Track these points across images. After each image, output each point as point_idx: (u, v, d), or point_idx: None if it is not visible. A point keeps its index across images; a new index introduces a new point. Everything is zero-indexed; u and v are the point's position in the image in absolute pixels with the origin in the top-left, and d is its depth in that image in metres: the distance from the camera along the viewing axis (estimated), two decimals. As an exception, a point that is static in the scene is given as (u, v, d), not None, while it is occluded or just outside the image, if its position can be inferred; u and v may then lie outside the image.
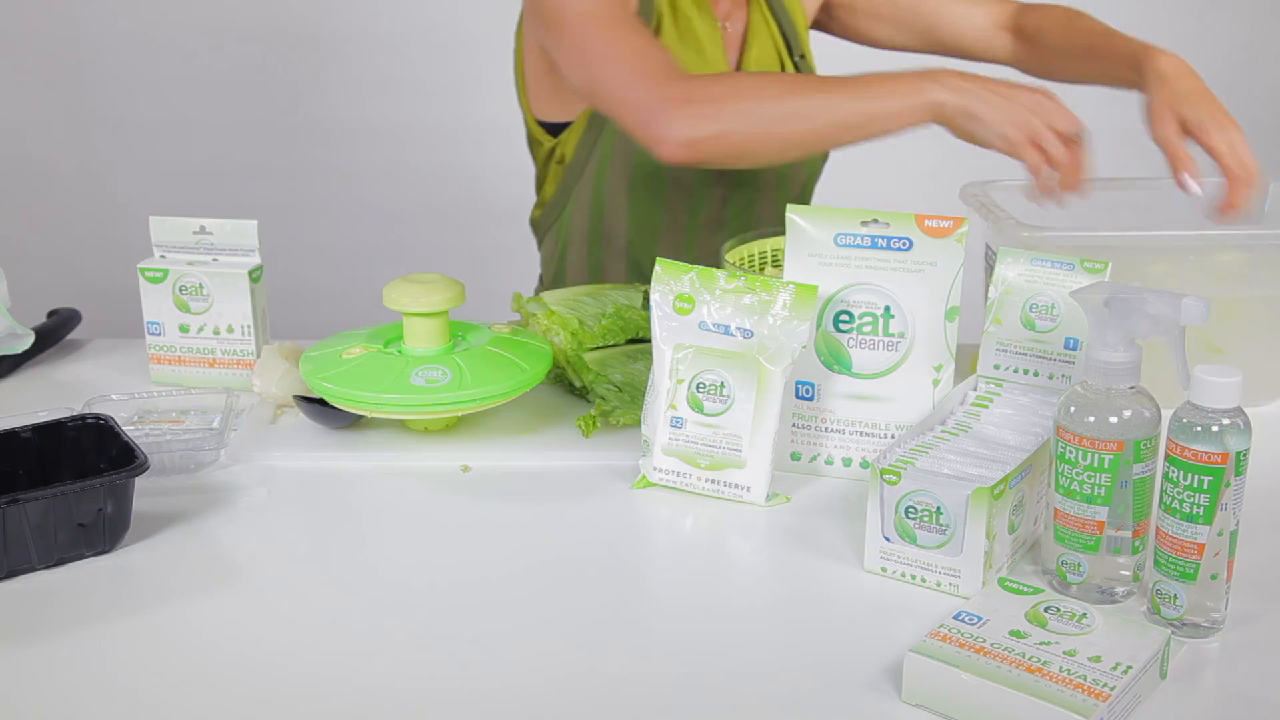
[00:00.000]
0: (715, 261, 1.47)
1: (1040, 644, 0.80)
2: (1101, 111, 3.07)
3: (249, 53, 2.82)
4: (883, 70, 1.23)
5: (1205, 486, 0.83)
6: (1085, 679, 0.76)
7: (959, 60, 1.57)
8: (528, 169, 1.63)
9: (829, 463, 1.12)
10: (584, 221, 1.54)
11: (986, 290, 1.10)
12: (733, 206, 1.50)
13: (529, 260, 1.73)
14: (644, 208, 1.49)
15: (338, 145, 2.86)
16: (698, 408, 1.07)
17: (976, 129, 1.19)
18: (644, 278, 1.51)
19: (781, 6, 1.53)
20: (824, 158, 1.60)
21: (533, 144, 1.58)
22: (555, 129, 1.52)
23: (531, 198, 1.66)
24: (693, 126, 1.20)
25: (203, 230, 1.33)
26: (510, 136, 1.62)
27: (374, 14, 2.80)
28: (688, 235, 1.50)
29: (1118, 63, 1.40)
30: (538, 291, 1.64)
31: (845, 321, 1.09)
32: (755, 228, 1.53)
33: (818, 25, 1.63)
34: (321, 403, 1.18)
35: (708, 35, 1.46)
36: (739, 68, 1.50)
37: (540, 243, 1.64)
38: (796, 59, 1.54)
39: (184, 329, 1.33)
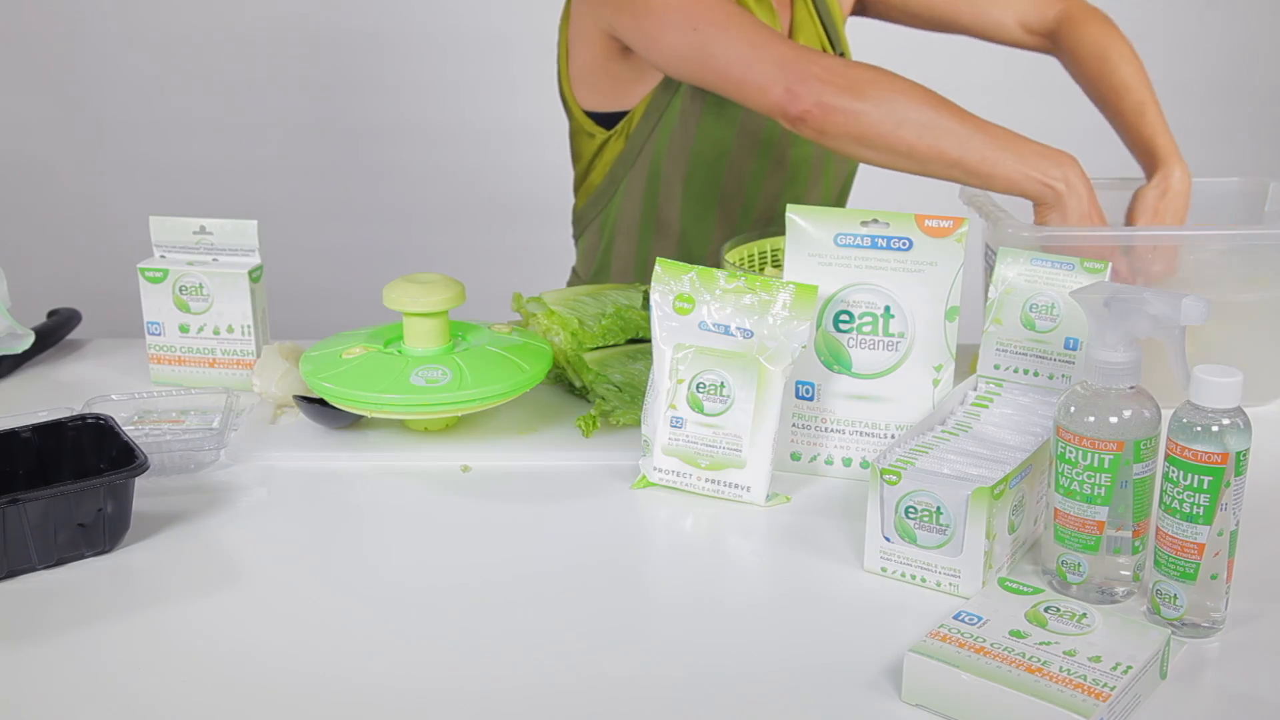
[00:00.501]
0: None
1: (1040, 644, 0.80)
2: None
3: (249, 53, 2.82)
4: (1014, 131, 1.25)
5: (1205, 486, 0.83)
6: (1085, 679, 0.76)
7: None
8: (528, 168, 1.63)
9: (829, 463, 1.12)
10: (635, 211, 1.54)
11: (986, 290, 1.10)
12: (783, 201, 1.51)
13: (530, 260, 1.73)
14: (698, 199, 1.50)
15: (338, 145, 2.86)
16: (698, 408, 1.07)
17: (1061, 218, 1.22)
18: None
19: (823, 2, 1.54)
20: None
21: (579, 136, 1.57)
22: (607, 119, 1.52)
23: (533, 197, 1.66)
24: (832, 94, 1.22)
25: (203, 230, 1.33)
26: (511, 136, 1.63)
27: (374, 15, 2.80)
28: (740, 229, 1.51)
29: (1135, 143, 1.46)
30: (595, 277, 1.63)
31: (845, 321, 1.09)
32: None
33: (855, 11, 1.64)
34: (321, 403, 1.18)
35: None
36: None
37: (580, 235, 1.64)
38: (838, 54, 1.54)
39: (184, 329, 1.33)
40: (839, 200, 1.63)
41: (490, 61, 2.24)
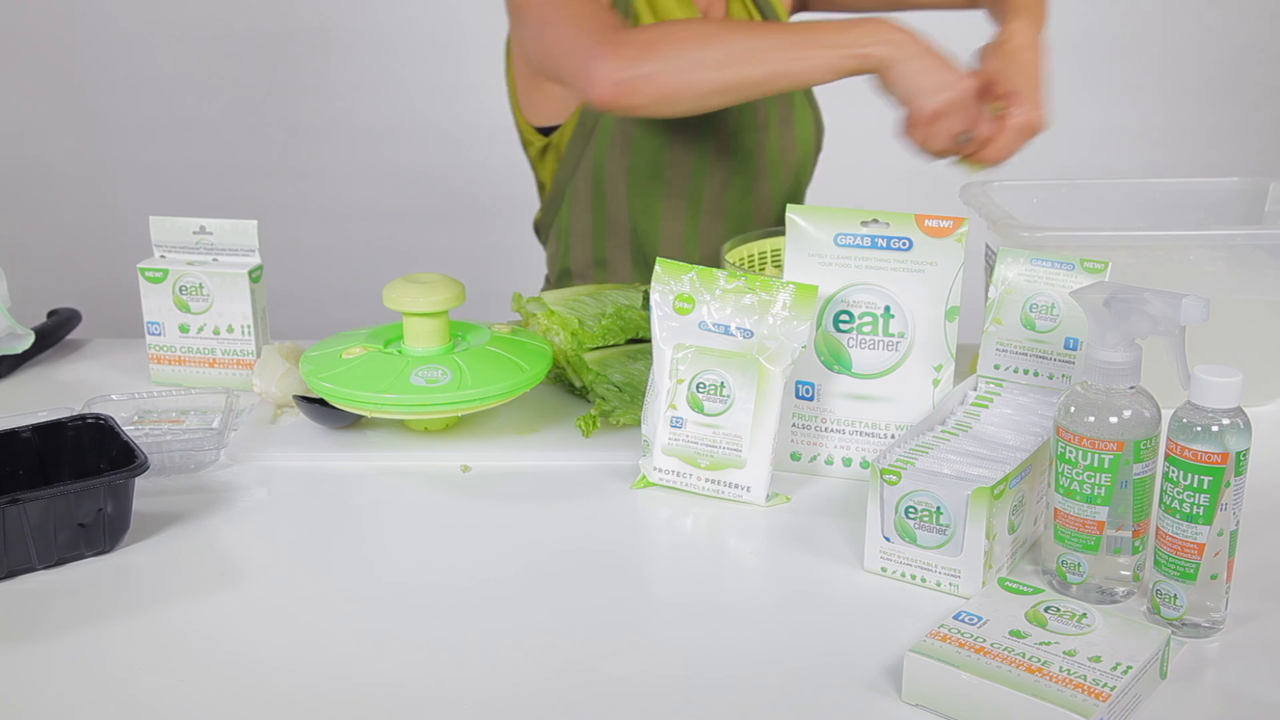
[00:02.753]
0: (720, 249, 1.47)
1: (1040, 644, 0.80)
2: (1103, 111, 3.07)
3: (249, 53, 2.82)
4: (821, 19, 1.24)
5: (1205, 486, 0.83)
6: (1085, 679, 0.76)
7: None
8: (529, 169, 1.64)
9: (829, 463, 1.12)
10: (585, 215, 1.54)
11: (986, 290, 1.10)
12: (732, 192, 1.51)
13: (529, 260, 1.73)
14: (644, 196, 1.50)
15: (338, 145, 2.86)
16: (698, 408, 1.07)
17: (902, 86, 1.20)
18: (650, 268, 1.52)
19: None
20: (817, 144, 1.61)
21: (526, 145, 1.59)
22: (548, 131, 1.53)
23: (532, 196, 1.66)
24: (621, 68, 1.21)
25: (203, 230, 1.33)
26: (511, 136, 1.63)
27: (374, 14, 2.80)
28: (689, 223, 1.51)
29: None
30: (560, 275, 1.64)
31: (845, 321, 1.09)
32: (756, 215, 1.53)
33: (803, 7, 1.64)
34: (321, 403, 1.18)
35: (685, 16, 1.47)
36: None
37: (545, 243, 1.65)
38: None
39: (184, 329, 1.33)
40: (796, 189, 1.62)
41: (491, 62, 2.23)
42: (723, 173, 1.50)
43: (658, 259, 1.10)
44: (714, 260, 1.51)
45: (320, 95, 2.84)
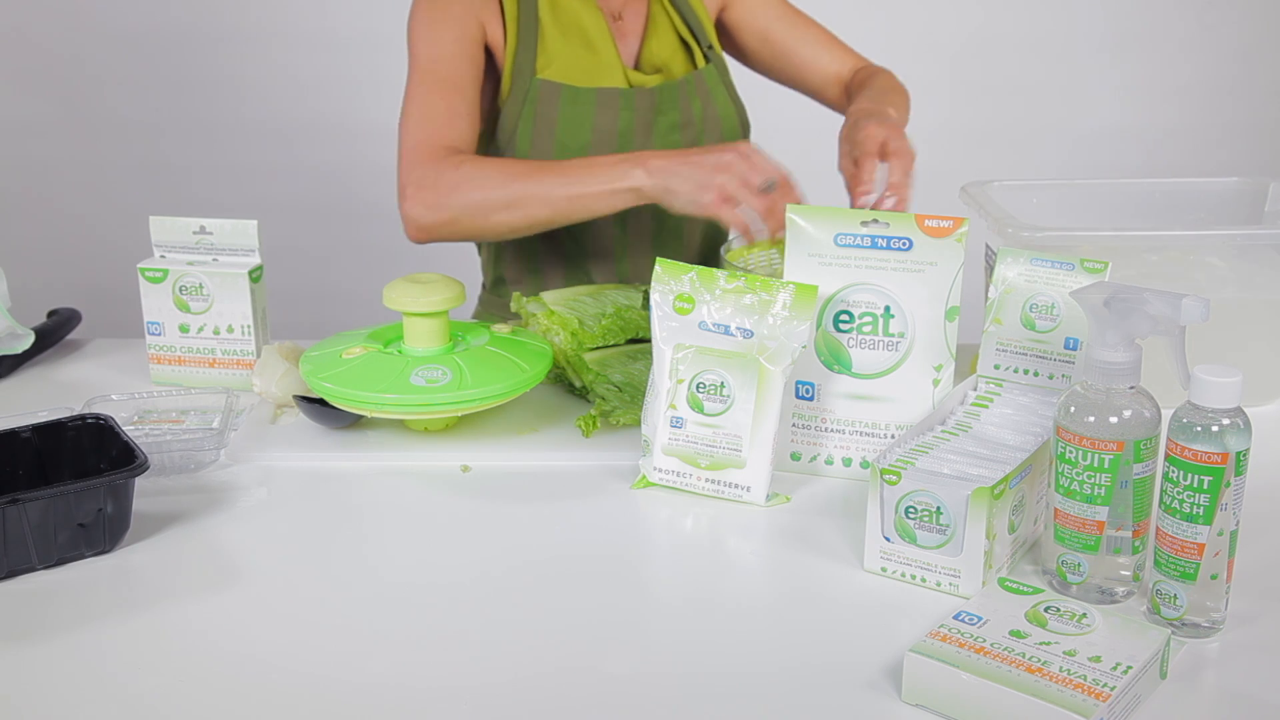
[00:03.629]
0: (645, 251, 1.52)
1: (1040, 644, 0.80)
2: (1103, 111, 3.07)
3: (250, 53, 2.82)
4: (594, 157, 1.32)
5: (1205, 486, 0.83)
6: (1085, 679, 0.76)
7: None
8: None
9: (829, 463, 1.12)
10: None
11: (986, 290, 1.10)
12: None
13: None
14: None
15: (338, 145, 2.86)
16: (698, 408, 1.07)
17: (675, 203, 1.26)
18: (582, 270, 1.53)
19: (685, 2, 1.55)
20: (744, 138, 1.60)
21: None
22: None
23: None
24: (426, 213, 1.35)
25: (203, 230, 1.33)
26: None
27: (374, 14, 2.80)
28: (617, 226, 1.51)
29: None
30: (481, 300, 1.64)
31: (845, 321, 1.09)
32: (685, 226, 1.53)
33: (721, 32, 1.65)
34: (321, 403, 1.18)
35: (594, 28, 1.48)
36: (638, 59, 1.52)
37: (480, 248, 1.67)
38: (706, 49, 1.55)
39: (184, 329, 1.33)
40: None
41: (490, 61, 2.25)
42: None
43: (657, 259, 1.10)
44: (644, 266, 1.52)
45: (321, 95, 2.84)
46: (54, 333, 1.45)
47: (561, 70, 1.46)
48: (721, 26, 1.63)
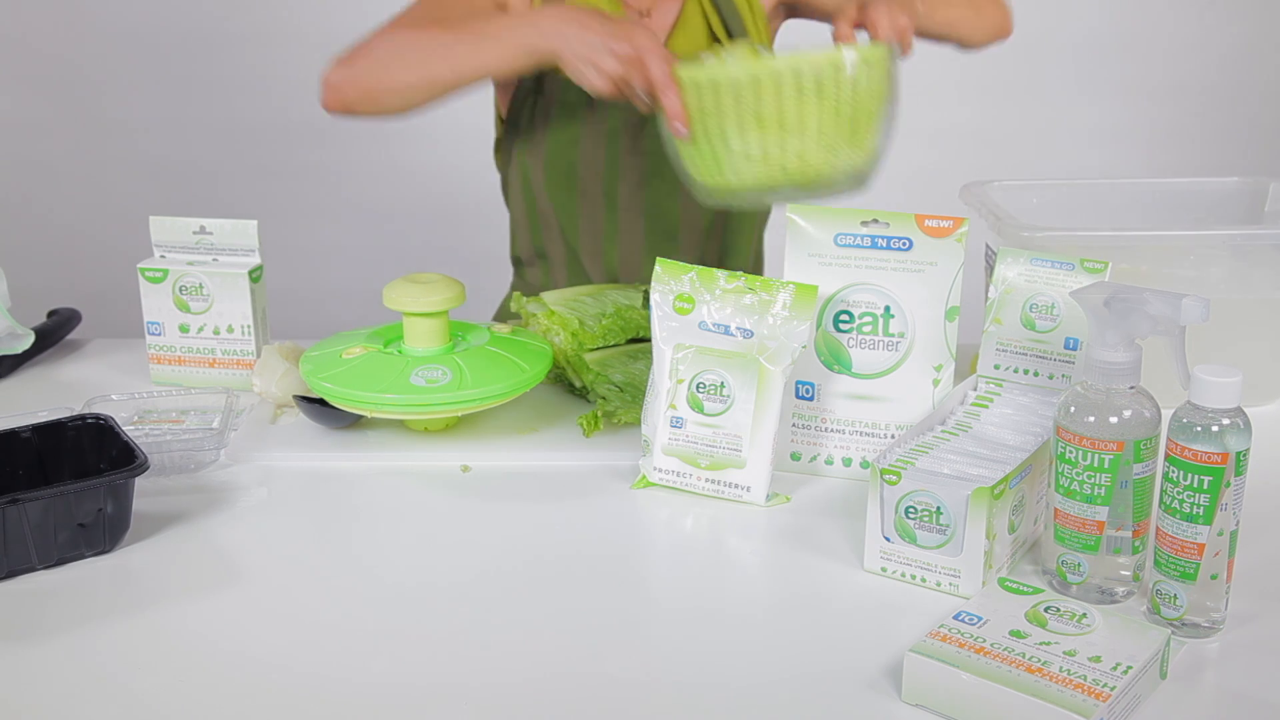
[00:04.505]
0: (637, 249, 1.51)
1: (1040, 644, 0.80)
2: (1103, 111, 3.07)
3: (250, 53, 2.82)
4: (500, 16, 1.26)
5: (1205, 486, 0.83)
6: (1085, 679, 0.76)
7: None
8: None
9: (829, 463, 1.12)
10: (520, 207, 1.57)
11: (986, 290, 1.10)
12: (650, 193, 1.50)
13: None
14: (561, 193, 1.52)
15: (337, 145, 2.86)
16: (698, 408, 1.07)
17: (567, 69, 1.19)
18: (580, 266, 1.54)
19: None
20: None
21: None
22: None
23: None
24: (334, 72, 1.29)
25: (203, 230, 1.33)
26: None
27: (374, 14, 2.80)
28: (608, 221, 1.51)
29: None
30: (514, 262, 1.65)
31: (845, 321, 1.09)
32: (684, 215, 1.52)
33: (794, 13, 1.60)
34: (321, 403, 1.18)
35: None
36: None
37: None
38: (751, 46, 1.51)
39: (184, 329, 1.33)
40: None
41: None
42: (635, 174, 1.50)
43: (658, 259, 1.10)
44: (635, 258, 1.52)
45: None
46: (54, 333, 1.45)
47: None
48: (792, 4, 1.57)
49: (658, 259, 1.10)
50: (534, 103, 1.49)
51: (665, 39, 1.50)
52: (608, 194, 1.51)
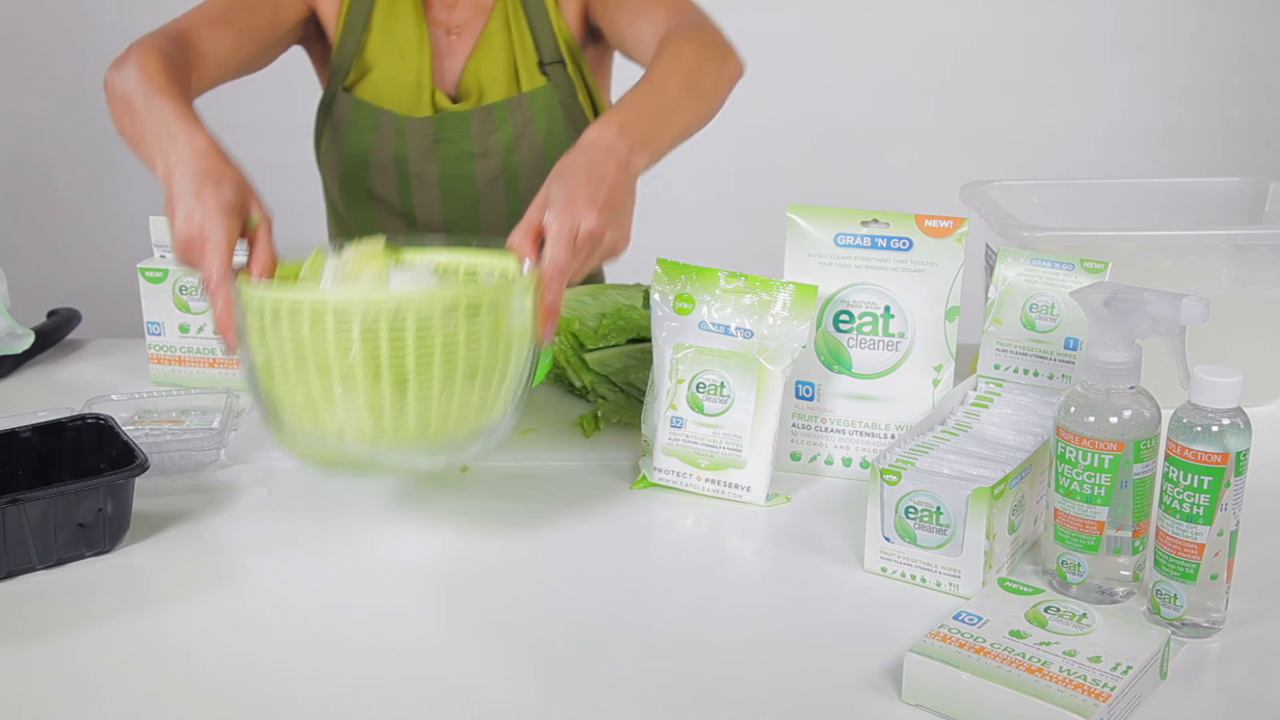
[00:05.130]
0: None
1: (1040, 644, 0.80)
2: (1103, 111, 3.07)
3: (249, 53, 2.82)
4: (171, 119, 1.13)
5: (1205, 486, 0.83)
6: (1085, 679, 0.76)
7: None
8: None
9: (829, 463, 1.12)
10: (327, 201, 1.62)
11: (986, 290, 1.10)
12: (448, 211, 1.52)
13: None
14: (357, 203, 1.54)
15: (338, 145, 2.86)
16: (698, 408, 1.07)
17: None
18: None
19: (541, 13, 1.44)
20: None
21: None
22: None
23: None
24: (109, 73, 1.28)
25: (203, 230, 1.33)
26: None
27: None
28: (412, 231, 1.53)
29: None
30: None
31: (845, 321, 1.09)
32: (483, 228, 1.52)
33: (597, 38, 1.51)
34: (321, 403, 1.17)
35: (415, 43, 1.45)
36: (460, 76, 1.47)
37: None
38: (546, 68, 1.45)
39: (184, 329, 1.33)
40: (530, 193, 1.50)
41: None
42: (429, 197, 1.50)
43: (658, 259, 1.10)
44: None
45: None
46: (54, 333, 1.45)
47: (370, 82, 1.46)
48: (595, 28, 1.47)
49: (658, 259, 1.10)
50: (327, 125, 1.53)
51: (467, 55, 1.46)
52: (407, 213, 1.52)
